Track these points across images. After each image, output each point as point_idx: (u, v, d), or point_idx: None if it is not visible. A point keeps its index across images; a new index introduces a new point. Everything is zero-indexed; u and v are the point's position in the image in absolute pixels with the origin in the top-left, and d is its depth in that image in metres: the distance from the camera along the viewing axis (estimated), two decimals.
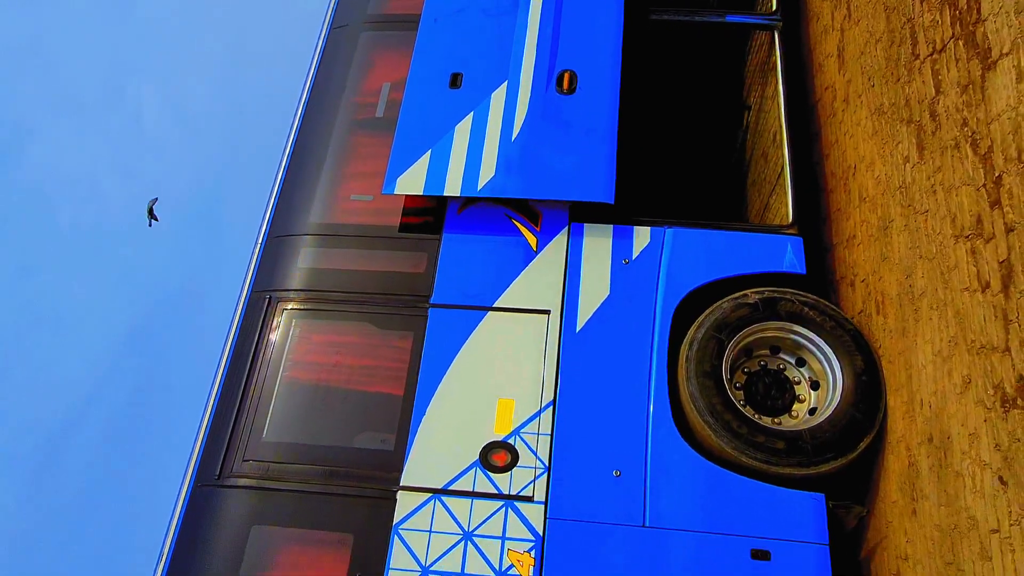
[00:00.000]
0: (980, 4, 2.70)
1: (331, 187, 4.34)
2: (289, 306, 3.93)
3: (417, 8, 4.74)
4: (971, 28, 2.76)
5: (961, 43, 2.84)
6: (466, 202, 4.06)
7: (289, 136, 4.76)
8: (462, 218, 4.04)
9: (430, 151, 4.05)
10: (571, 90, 4.16)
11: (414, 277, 3.91)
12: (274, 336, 3.85)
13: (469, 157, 4.01)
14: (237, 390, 3.71)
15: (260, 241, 4.27)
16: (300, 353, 3.82)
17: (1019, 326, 2.37)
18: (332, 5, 5.27)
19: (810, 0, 4.87)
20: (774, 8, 4.64)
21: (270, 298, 3.97)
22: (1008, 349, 2.42)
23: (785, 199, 4.02)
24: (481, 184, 3.92)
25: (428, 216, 4.12)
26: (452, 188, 3.93)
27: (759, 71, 4.98)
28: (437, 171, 3.99)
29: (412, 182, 3.98)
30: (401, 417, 3.54)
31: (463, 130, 4.10)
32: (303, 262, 4.06)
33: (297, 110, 4.83)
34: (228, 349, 3.88)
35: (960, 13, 2.86)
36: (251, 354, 3.79)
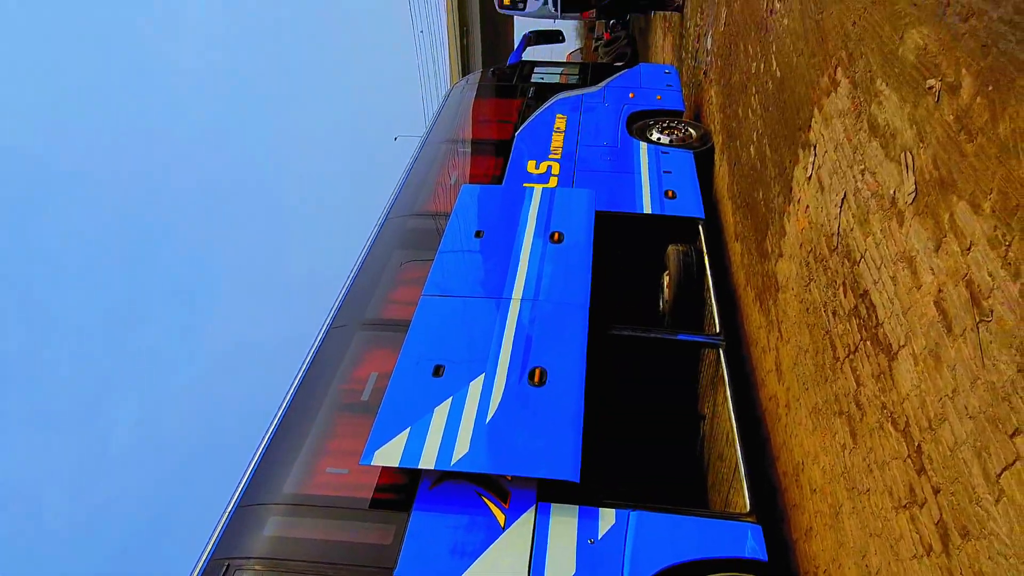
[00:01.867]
0: (877, 312, 3.32)
1: (309, 460, 4.49)
2: (246, 575, 3.80)
3: (407, 314, 5.41)
4: (874, 331, 3.34)
5: (869, 343, 3.39)
6: (439, 478, 4.21)
7: (275, 417, 5.04)
8: (433, 494, 4.14)
9: (409, 428, 4.32)
10: (541, 383, 4.61)
11: (380, 549, 3.87)
12: None
13: (445, 436, 4.27)
14: None
15: (228, 511, 4.27)
16: None
17: None
18: (333, 311, 5.98)
19: (748, 328, 5.67)
20: (718, 330, 5.38)
21: (228, 566, 3.85)
22: None
23: (742, 490, 4.23)
24: (454, 460, 4.12)
25: (400, 491, 4.22)
26: (427, 462, 4.12)
27: (710, 384, 5.55)
28: (414, 447, 4.22)
29: (389, 455, 4.17)
30: None
31: (441, 412, 4.43)
32: (269, 530, 4.03)
33: (287, 394, 5.19)
34: None
35: (864, 321, 3.46)
36: None
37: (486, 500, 4.07)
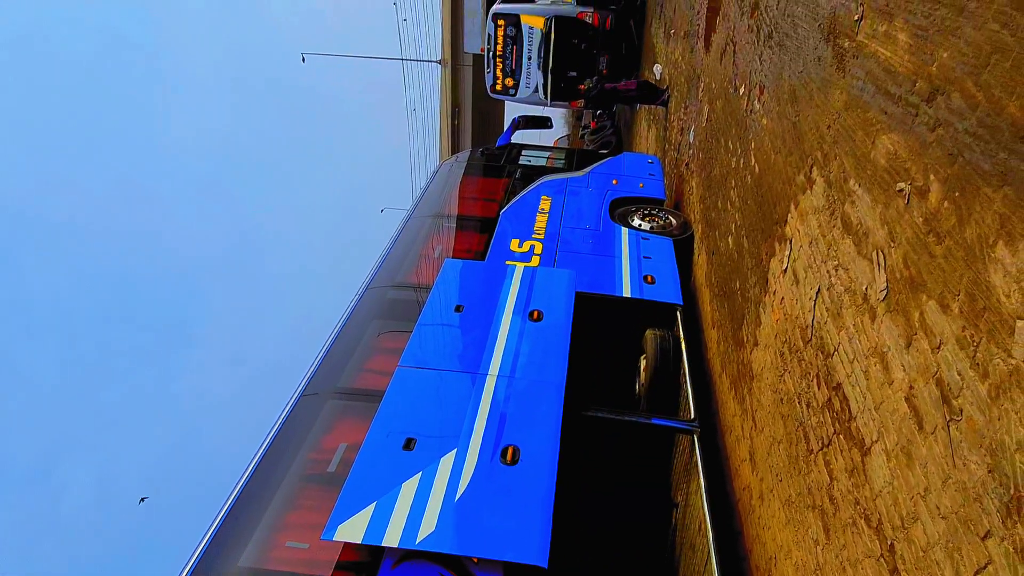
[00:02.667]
0: (850, 405, 3.34)
1: (269, 533, 4.32)
2: None
3: (380, 385, 5.34)
4: (847, 424, 3.35)
5: (842, 437, 3.40)
6: (402, 557, 4.06)
7: (237, 484, 4.87)
8: (395, 573, 3.99)
9: (375, 503, 4.20)
10: (514, 462, 4.52)
11: None
12: None
13: (412, 512, 4.15)
14: None
15: None
16: None
17: None
18: (306, 378, 5.89)
19: (723, 415, 5.66)
20: (693, 417, 5.37)
21: None
22: None
23: None
24: (420, 538, 3.99)
25: (361, 570, 4.06)
26: (391, 539, 3.98)
27: (684, 471, 5.48)
28: (379, 523, 4.08)
29: (352, 530, 4.03)
30: None
31: (410, 487, 4.32)
32: None
33: (251, 461, 5.04)
34: None
35: (837, 414, 3.48)
36: None
37: None
